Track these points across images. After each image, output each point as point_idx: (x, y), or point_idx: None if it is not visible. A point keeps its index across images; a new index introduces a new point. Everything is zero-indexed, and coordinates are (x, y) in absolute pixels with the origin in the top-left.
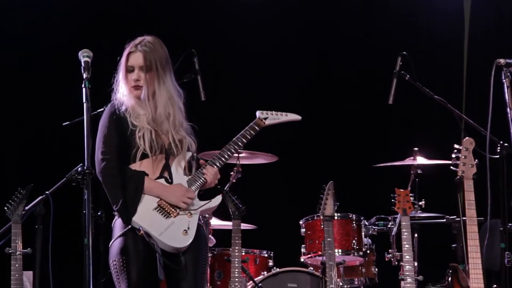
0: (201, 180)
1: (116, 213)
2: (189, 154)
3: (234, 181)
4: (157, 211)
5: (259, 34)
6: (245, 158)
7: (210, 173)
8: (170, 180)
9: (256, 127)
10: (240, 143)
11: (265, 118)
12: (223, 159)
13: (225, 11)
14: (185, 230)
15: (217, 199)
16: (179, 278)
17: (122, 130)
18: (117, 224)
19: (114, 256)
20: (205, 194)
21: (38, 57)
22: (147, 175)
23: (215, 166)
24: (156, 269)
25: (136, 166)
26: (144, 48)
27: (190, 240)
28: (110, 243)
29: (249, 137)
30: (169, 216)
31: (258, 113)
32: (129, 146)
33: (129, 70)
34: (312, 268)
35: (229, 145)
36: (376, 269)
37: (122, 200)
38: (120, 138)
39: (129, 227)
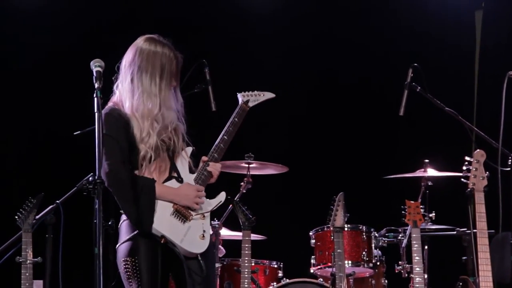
0: (207, 178)
1: (127, 219)
2: (190, 149)
3: (244, 191)
4: (174, 216)
5: (269, 44)
6: (255, 169)
7: (216, 169)
8: (180, 179)
9: (243, 113)
10: (232, 132)
11: (247, 101)
12: (221, 152)
13: (236, 20)
14: (202, 234)
15: (222, 196)
16: (196, 283)
17: (128, 134)
18: (124, 227)
19: (125, 256)
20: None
21: (50, 66)
22: (155, 181)
23: (215, 161)
24: (167, 274)
25: (144, 171)
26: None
27: (208, 243)
28: (118, 245)
29: (238, 123)
30: (185, 220)
31: (239, 97)
32: (134, 152)
33: (173, 75)
34: (321, 280)
35: (223, 135)
36: (386, 281)
37: (137, 212)
38: (126, 144)
39: (137, 231)
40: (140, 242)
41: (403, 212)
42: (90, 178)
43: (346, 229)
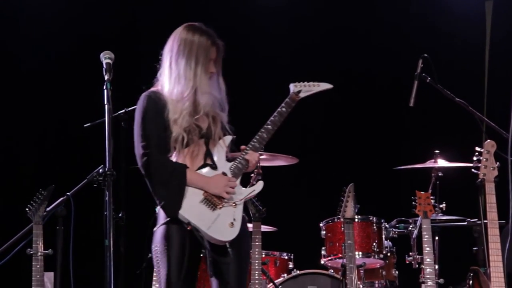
0: (244, 167)
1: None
2: (229, 138)
3: (255, 183)
4: (204, 203)
5: (279, 39)
6: (266, 160)
7: (253, 159)
8: (214, 166)
9: (292, 103)
10: (277, 121)
11: (299, 91)
12: (262, 141)
13: (243, 15)
14: (231, 222)
15: (259, 185)
16: (224, 272)
17: (163, 117)
18: (162, 212)
19: (157, 242)
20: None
21: (60, 58)
22: (187, 167)
23: (255, 150)
24: (196, 261)
25: (175, 156)
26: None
27: (237, 232)
28: (155, 229)
29: (285, 113)
30: (215, 208)
31: (291, 86)
32: (168, 135)
33: (211, 61)
34: (332, 271)
35: (267, 125)
36: (397, 272)
37: (166, 196)
38: (160, 128)
39: (169, 218)
40: (172, 228)
41: (413, 203)
42: (101, 170)
43: (356, 220)
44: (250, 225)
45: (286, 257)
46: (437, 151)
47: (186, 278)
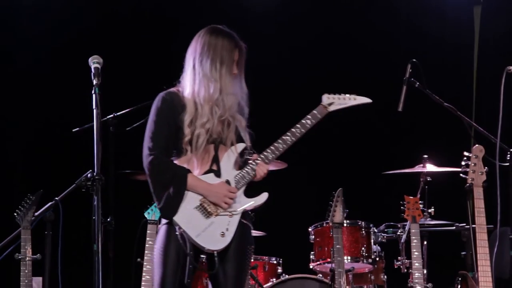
0: (250, 177)
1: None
2: (242, 146)
3: None
4: (198, 210)
5: (269, 43)
6: None
7: (262, 170)
8: (219, 173)
9: (319, 115)
10: (298, 133)
11: (330, 104)
12: (276, 152)
13: (233, 18)
14: (222, 232)
15: (262, 197)
16: (220, 283)
17: (178, 118)
18: None
19: (156, 242)
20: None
21: (49, 63)
22: (190, 172)
23: (267, 161)
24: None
25: (183, 159)
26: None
27: (227, 243)
28: (159, 225)
29: (309, 125)
30: (209, 216)
31: (324, 98)
32: (178, 137)
33: (234, 63)
34: (321, 275)
35: (285, 135)
36: (385, 277)
37: (165, 198)
38: (171, 129)
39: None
40: (172, 230)
41: (402, 207)
42: (89, 175)
43: (345, 224)
44: None
45: (275, 262)
46: (425, 156)
47: (181, 283)
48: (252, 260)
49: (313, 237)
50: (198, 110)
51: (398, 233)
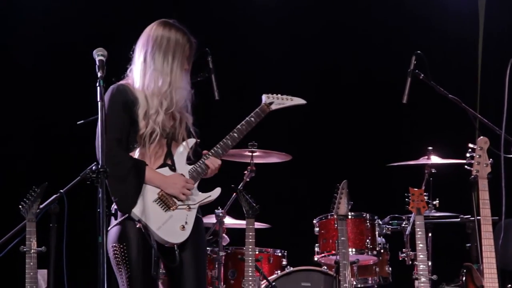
0: (203, 171)
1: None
2: (193, 141)
3: (248, 180)
4: (157, 203)
5: (273, 36)
6: (259, 157)
7: (213, 164)
8: (173, 167)
9: (261, 113)
10: (244, 130)
11: (271, 103)
12: (225, 147)
13: (238, 12)
14: (182, 226)
15: (216, 192)
16: (181, 275)
17: (131, 111)
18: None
19: (113, 241)
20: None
21: (54, 55)
22: (147, 165)
23: (217, 155)
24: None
25: (138, 152)
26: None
27: (187, 236)
28: (109, 228)
29: (253, 123)
30: (168, 209)
31: (264, 97)
32: (134, 130)
33: (186, 58)
34: (326, 267)
35: (233, 132)
36: (390, 269)
37: (122, 191)
38: (125, 122)
39: (127, 215)
40: (129, 226)
41: (406, 199)
42: (94, 167)
43: (349, 217)
44: (243, 222)
45: (279, 254)
46: (430, 148)
47: (149, 277)
48: (256, 252)
49: (318, 229)
50: (149, 102)
51: (403, 225)
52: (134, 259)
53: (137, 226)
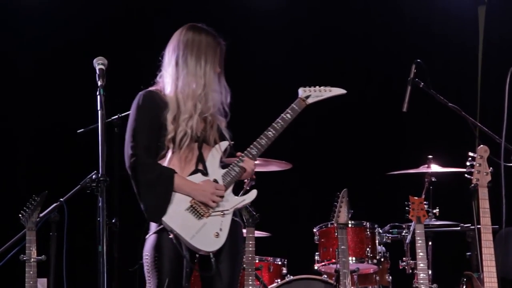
0: (237, 174)
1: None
2: (226, 144)
3: (248, 188)
4: (190, 211)
5: (272, 40)
6: (259, 166)
7: (249, 167)
8: (205, 172)
9: (297, 108)
10: (279, 127)
11: (307, 97)
12: (260, 148)
13: (239, 15)
14: (217, 233)
15: (251, 195)
16: (214, 283)
17: (161, 116)
18: None
19: (147, 250)
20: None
21: (53, 64)
22: (176, 172)
23: (251, 156)
24: (189, 271)
25: (168, 158)
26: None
27: (222, 243)
28: (147, 235)
29: (289, 119)
30: (201, 217)
31: (300, 91)
32: (163, 134)
33: (217, 61)
34: (326, 276)
35: (267, 131)
36: (390, 277)
37: (151, 200)
38: (154, 128)
39: (162, 226)
40: (164, 236)
41: (407, 208)
42: (94, 176)
43: (350, 225)
44: (243, 231)
45: (279, 263)
46: (430, 156)
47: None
48: (256, 261)
49: (318, 237)
50: (181, 107)
51: (403, 233)
52: (165, 270)
53: (170, 236)
